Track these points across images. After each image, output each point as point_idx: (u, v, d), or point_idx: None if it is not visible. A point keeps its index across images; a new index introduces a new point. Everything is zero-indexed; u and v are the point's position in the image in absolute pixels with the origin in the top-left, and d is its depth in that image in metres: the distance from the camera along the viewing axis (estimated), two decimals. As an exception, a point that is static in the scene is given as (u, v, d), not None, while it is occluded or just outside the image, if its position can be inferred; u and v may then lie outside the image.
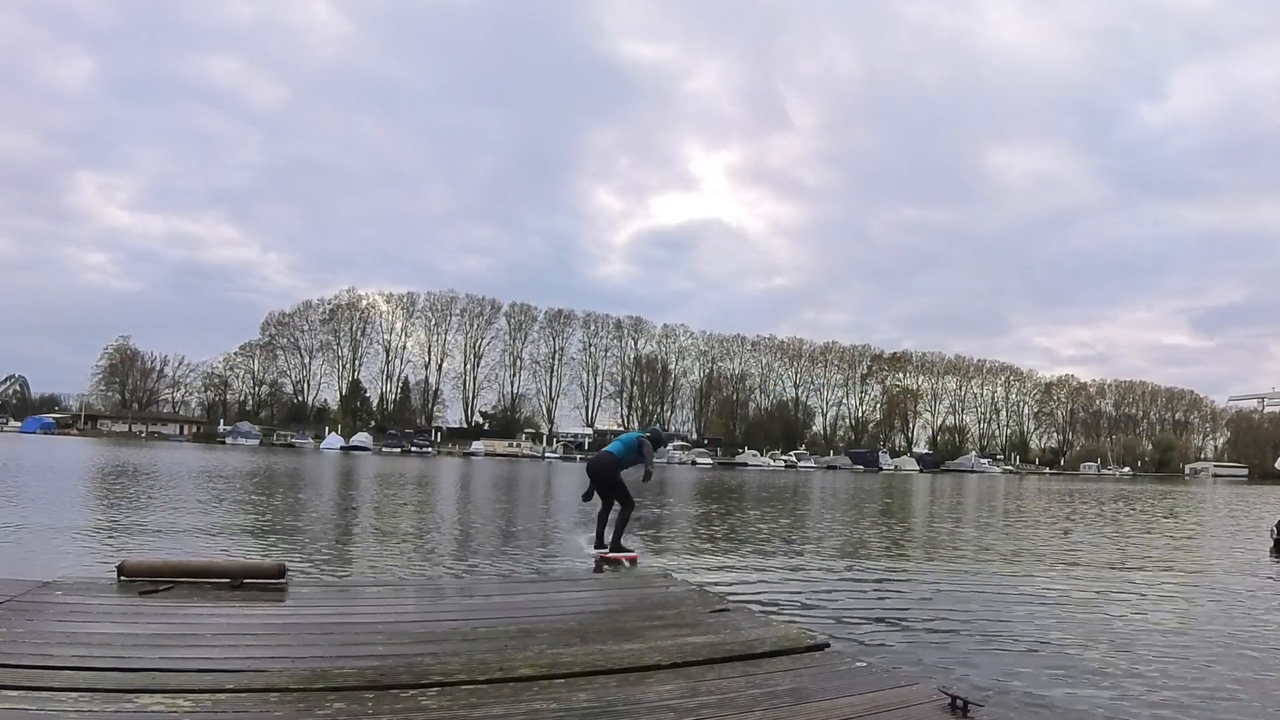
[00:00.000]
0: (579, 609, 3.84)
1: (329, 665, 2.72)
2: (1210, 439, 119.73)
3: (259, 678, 2.54)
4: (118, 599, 3.71)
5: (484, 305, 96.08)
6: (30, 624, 3.10)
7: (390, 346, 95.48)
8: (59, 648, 2.79)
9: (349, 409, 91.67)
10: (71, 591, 3.77)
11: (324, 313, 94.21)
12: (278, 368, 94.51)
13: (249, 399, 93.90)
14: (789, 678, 2.66)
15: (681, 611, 3.75)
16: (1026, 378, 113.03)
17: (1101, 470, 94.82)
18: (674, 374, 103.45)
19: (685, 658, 2.90)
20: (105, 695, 2.31)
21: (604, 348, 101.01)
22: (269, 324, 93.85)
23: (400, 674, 2.63)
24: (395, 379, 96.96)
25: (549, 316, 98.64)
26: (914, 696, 2.51)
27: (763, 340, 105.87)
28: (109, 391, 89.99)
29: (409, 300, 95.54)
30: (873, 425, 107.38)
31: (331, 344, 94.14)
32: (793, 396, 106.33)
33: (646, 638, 3.22)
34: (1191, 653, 5.36)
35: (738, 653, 2.99)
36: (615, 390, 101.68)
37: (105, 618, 3.31)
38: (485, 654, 2.94)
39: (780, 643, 3.16)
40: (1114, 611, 6.78)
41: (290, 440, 74.51)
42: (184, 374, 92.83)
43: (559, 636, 3.23)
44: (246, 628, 3.26)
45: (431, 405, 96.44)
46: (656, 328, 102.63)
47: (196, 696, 2.34)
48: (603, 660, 2.85)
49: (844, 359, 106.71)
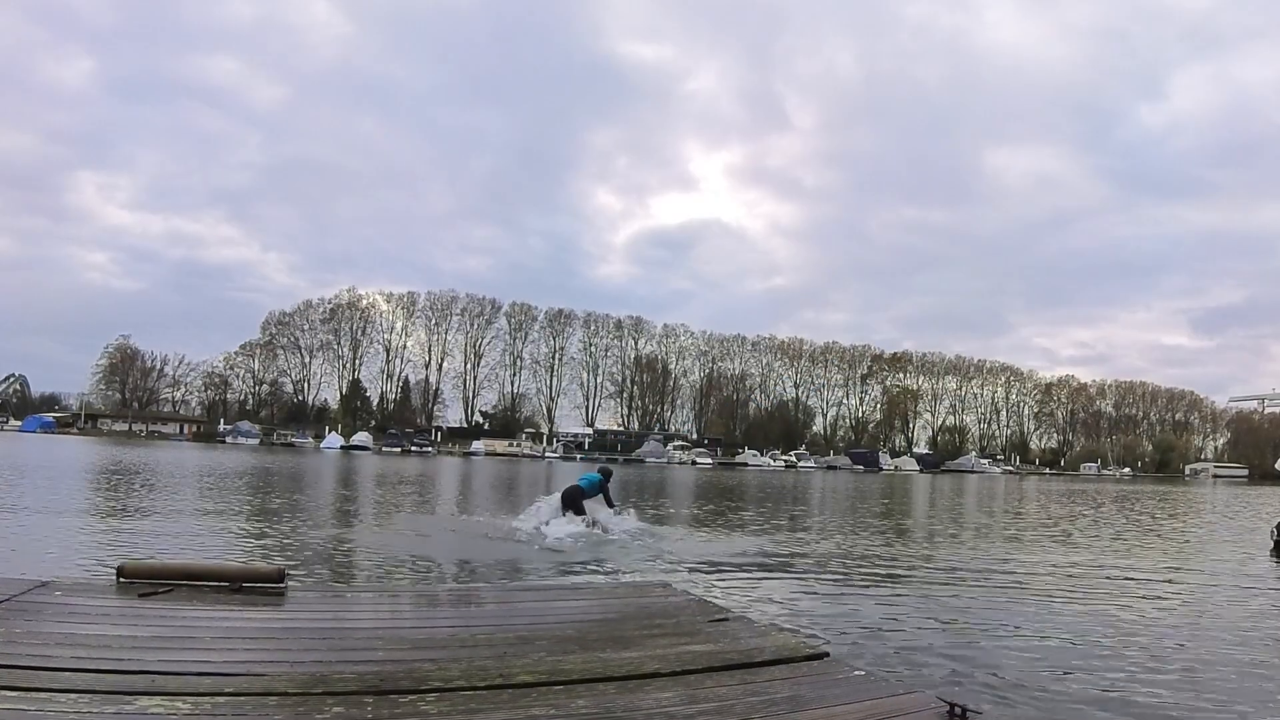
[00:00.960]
0: (578, 617, 3.83)
1: (328, 670, 2.71)
2: (1210, 440, 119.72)
3: (257, 681, 2.54)
4: (117, 601, 3.71)
5: (484, 305, 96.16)
6: (29, 624, 3.10)
7: (390, 346, 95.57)
8: (57, 649, 2.79)
9: (349, 408, 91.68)
10: (70, 592, 3.77)
11: (324, 312, 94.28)
12: (278, 367, 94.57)
13: (249, 398, 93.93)
14: (788, 686, 2.66)
15: (680, 620, 3.74)
16: (1027, 378, 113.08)
17: (1101, 471, 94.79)
18: (674, 374, 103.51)
19: (684, 666, 2.90)
20: (104, 697, 2.31)
21: (604, 347, 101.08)
22: (269, 323, 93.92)
23: (399, 679, 2.63)
24: (395, 378, 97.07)
25: (549, 316, 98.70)
26: (913, 705, 2.51)
27: (763, 340, 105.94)
28: (109, 391, 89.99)
29: (409, 300, 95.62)
30: (873, 425, 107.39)
31: (332, 343, 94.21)
32: (793, 397, 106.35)
33: (645, 646, 3.22)
34: (1193, 658, 5.36)
35: (736, 661, 2.99)
36: (615, 390, 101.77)
37: (104, 619, 3.31)
38: (484, 660, 2.94)
39: (779, 651, 3.15)
40: (1114, 617, 6.78)
41: (290, 440, 74.52)
42: (184, 373, 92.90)
43: (558, 644, 3.23)
44: (245, 632, 3.25)
45: (432, 405, 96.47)
46: (657, 327, 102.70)
47: (195, 699, 2.34)
48: (602, 668, 2.85)
49: (844, 359, 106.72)
